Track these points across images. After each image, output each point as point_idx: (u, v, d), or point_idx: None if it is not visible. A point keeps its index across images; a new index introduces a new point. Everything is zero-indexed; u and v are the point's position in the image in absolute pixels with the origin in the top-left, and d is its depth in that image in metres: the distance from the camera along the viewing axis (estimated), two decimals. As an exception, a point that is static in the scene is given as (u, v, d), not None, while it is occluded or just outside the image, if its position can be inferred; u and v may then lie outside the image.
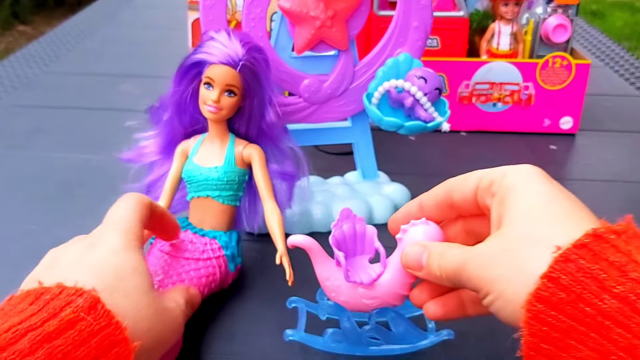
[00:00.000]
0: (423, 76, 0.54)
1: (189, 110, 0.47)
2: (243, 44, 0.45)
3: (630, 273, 0.25)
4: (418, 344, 0.43)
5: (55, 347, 0.27)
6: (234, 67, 0.44)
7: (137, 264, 0.34)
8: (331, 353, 0.43)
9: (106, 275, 0.32)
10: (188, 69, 0.46)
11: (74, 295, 0.29)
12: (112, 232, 0.35)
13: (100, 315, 0.29)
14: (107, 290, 0.31)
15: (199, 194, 0.47)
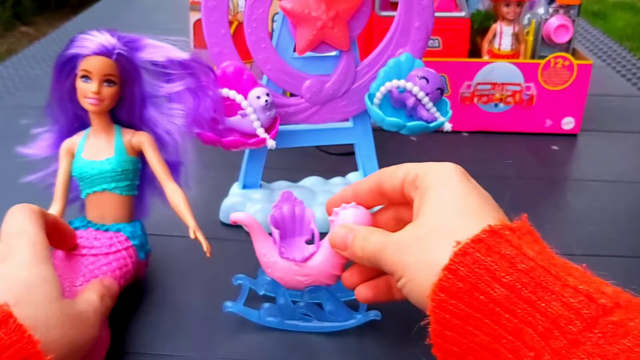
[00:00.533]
0: (425, 76, 0.54)
1: (70, 107, 0.47)
2: (112, 34, 0.45)
3: (518, 264, 0.28)
4: (346, 323, 0.47)
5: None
6: (109, 57, 0.44)
7: (46, 274, 0.34)
8: (266, 327, 0.47)
9: (15, 288, 0.32)
10: (63, 65, 0.46)
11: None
12: (20, 247, 0.35)
13: (12, 329, 0.29)
14: (18, 304, 0.31)
15: (93, 189, 0.47)
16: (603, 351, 0.24)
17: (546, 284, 0.27)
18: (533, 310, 0.26)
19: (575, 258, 0.56)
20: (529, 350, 0.26)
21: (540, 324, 0.26)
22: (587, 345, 0.24)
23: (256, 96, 0.53)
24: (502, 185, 0.69)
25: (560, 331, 0.25)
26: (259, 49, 0.55)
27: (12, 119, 0.84)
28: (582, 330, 0.25)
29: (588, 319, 0.25)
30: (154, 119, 0.48)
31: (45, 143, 0.50)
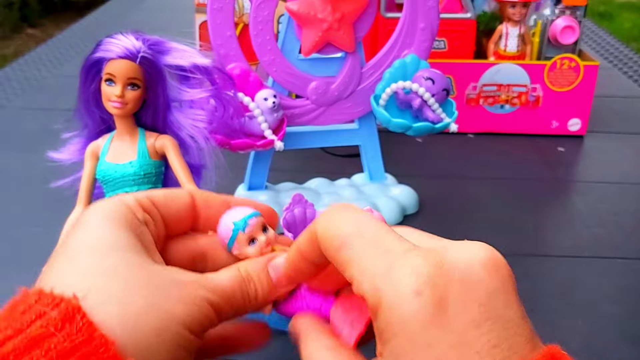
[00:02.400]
0: (430, 77, 0.54)
1: (95, 111, 0.48)
2: (137, 37, 0.45)
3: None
4: None
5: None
6: (133, 60, 0.44)
7: (122, 239, 0.27)
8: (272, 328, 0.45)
9: (85, 259, 0.26)
10: (88, 69, 0.46)
11: (48, 306, 0.24)
12: (93, 210, 0.28)
13: (78, 329, 0.23)
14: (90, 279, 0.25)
15: (116, 192, 0.47)
16: None
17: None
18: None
19: (581, 260, 0.57)
20: None
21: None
22: None
23: (263, 98, 0.53)
24: (508, 187, 0.69)
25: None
26: (265, 51, 0.55)
27: (19, 121, 0.84)
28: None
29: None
30: (178, 123, 0.48)
31: (74, 147, 0.50)
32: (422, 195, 0.64)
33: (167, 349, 0.25)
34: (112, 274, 0.25)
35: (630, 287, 0.53)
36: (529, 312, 0.32)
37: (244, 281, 0.29)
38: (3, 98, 0.91)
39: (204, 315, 0.27)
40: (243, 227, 0.29)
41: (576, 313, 0.50)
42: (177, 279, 0.27)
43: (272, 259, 0.29)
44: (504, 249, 0.39)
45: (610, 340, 0.47)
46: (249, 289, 0.29)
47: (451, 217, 0.63)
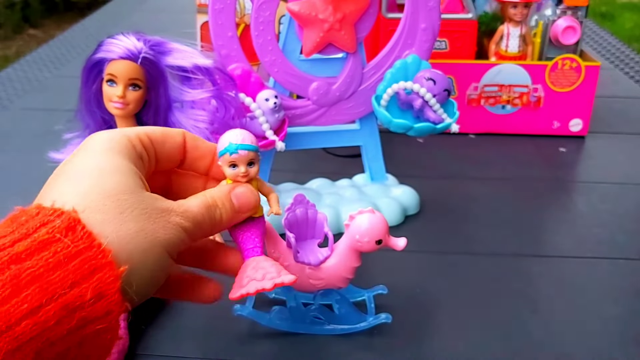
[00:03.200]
0: (432, 78, 0.54)
1: (97, 111, 0.48)
2: (139, 38, 0.45)
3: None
4: (358, 325, 0.47)
5: (24, 268, 0.24)
6: (134, 61, 0.45)
7: (122, 165, 0.30)
8: (276, 330, 0.47)
9: (80, 176, 0.29)
10: (90, 69, 0.46)
11: (51, 216, 0.26)
12: (96, 137, 0.31)
13: (79, 237, 0.26)
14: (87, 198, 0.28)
15: None
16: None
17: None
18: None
19: (582, 260, 0.57)
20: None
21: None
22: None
23: (265, 98, 0.53)
24: (509, 187, 0.69)
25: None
26: (266, 52, 0.55)
27: (21, 121, 0.84)
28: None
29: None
30: (179, 123, 0.48)
31: (76, 148, 0.50)
32: (423, 196, 0.64)
33: (149, 267, 0.29)
34: (109, 196, 0.28)
35: (631, 287, 0.53)
36: (529, 312, 0.31)
37: (211, 207, 0.32)
38: (5, 98, 0.91)
39: (179, 239, 0.30)
40: (231, 151, 0.32)
41: (577, 313, 0.50)
42: (160, 206, 0.30)
43: (235, 188, 0.33)
44: (505, 249, 0.39)
45: (611, 341, 0.47)
46: (215, 214, 0.32)
47: (453, 217, 0.63)
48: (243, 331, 0.47)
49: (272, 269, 0.33)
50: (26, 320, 0.24)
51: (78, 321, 0.25)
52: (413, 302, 0.51)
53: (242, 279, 0.33)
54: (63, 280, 0.25)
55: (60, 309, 0.25)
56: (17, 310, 0.24)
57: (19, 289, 0.24)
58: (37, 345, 0.24)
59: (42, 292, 0.24)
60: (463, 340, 0.47)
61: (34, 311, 0.24)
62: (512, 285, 0.53)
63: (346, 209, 0.59)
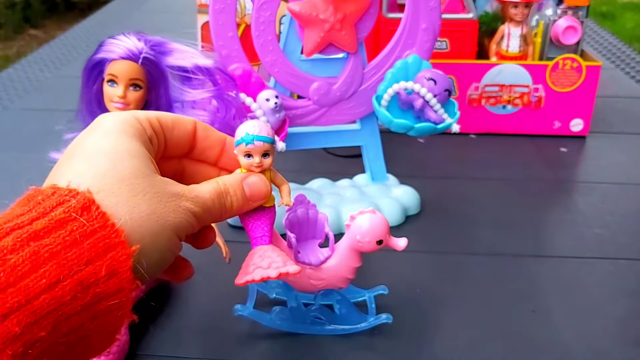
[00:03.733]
0: (432, 78, 0.54)
1: (97, 111, 0.48)
2: (139, 38, 0.45)
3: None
4: (358, 326, 0.47)
5: (43, 245, 0.25)
6: (135, 61, 0.45)
7: (135, 149, 0.31)
8: (277, 330, 0.47)
9: (95, 159, 0.30)
10: (91, 69, 0.46)
11: (67, 196, 0.27)
12: (109, 118, 0.32)
13: (94, 216, 0.27)
14: (102, 180, 0.29)
15: None
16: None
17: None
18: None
19: (583, 260, 0.57)
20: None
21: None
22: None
23: (265, 98, 0.53)
24: (510, 187, 0.69)
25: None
26: (267, 52, 0.55)
27: (21, 122, 0.84)
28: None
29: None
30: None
31: None
32: (424, 196, 0.64)
33: (159, 248, 0.30)
34: (124, 179, 0.29)
35: (632, 287, 0.53)
36: (530, 312, 0.31)
37: (222, 194, 0.33)
38: (5, 99, 0.92)
39: (189, 224, 0.31)
40: (247, 142, 0.33)
41: (578, 314, 0.50)
42: (171, 190, 0.31)
43: (248, 177, 0.34)
44: (506, 249, 0.39)
45: (611, 341, 0.47)
46: (226, 201, 0.33)
47: (453, 217, 0.63)
48: (243, 331, 0.47)
49: (278, 258, 0.34)
50: (44, 295, 0.25)
51: (92, 297, 0.26)
52: (413, 302, 0.51)
53: (248, 266, 0.33)
54: (79, 258, 0.26)
55: (76, 285, 0.26)
56: (36, 285, 0.25)
57: (38, 265, 0.25)
58: (54, 319, 0.25)
59: (60, 269, 0.25)
60: (463, 340, 0.47)
61: (51, 286, 0.25)
62: (513, 285, 0.53)
63: (347, 209, 0.59)
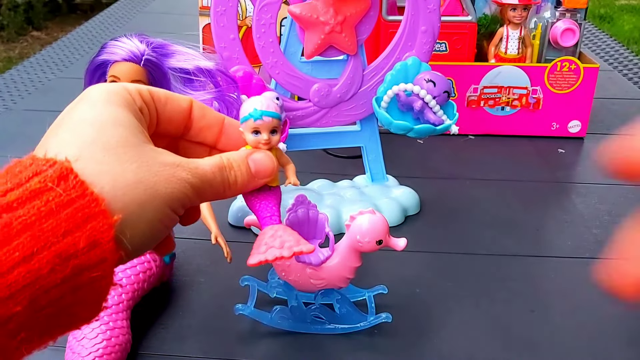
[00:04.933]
0: (432, 79, 0.54)
1: None
2: (142, 40, 0.46)
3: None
4: (358, 325, 0.47)
5: (16, 217, 0.25)
6: (137, 63, 0.45)
7: (123, 117, 0.30)
8: (277, 329, 0.47)
9: (80, 128, 0.29)
10: (93, 71, 0.47)
11: (44, 166, 0.26)
12: (96, 88, 0.31)
13: (72, 186, 0.26)
14: (86, 149, 0.28)
15: None
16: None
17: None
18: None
19: (582, 260, 0.57)
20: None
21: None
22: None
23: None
24: (509, 188, 0.70)
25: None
26: (268, 54, 0.56)
27: (24, 123, 0.85)
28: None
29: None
30: None
31: None
32: (423, 196, 0.65)
33: (147, 220, 0.29)
34: (109, 148, 0.28)
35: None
36: (529, 312, 0.32)
37: (225, 168, 0.32)
38: (8, 100, 0.92)
39: (184, 195, 0.30)
40: (255, 117, 0.32)
41: (577, 313, 0.50)
42: (164, 160, 0.30)
43: (253, 153, 0.33)
44: (505, 249, 0.40)
45: (611, 341, 0.47)
46: (229, 176, 0.32)
47: (453, 217, 0.64)
48: (244, 330, 0.48)
49: (291, 237, 0.33)
50: (18, 269, 0.24)
51: (72, 269, 0.26)
52: (413, 302, 0.51)
53: (260, 246, 0.33)
54: (55, 229, 0.25)
55: (53, 257, 0.25)
56: (9, 259, 0.24)
57: (10, 238, 0.24)
58: (31, 293, 0.25)
59: (34, 240, 0.25)
60: (463, 340, 0.47)
61: (26, 259, 0.24)
62: (512, 285, 0.53)
63: (347, 210, 0.60)
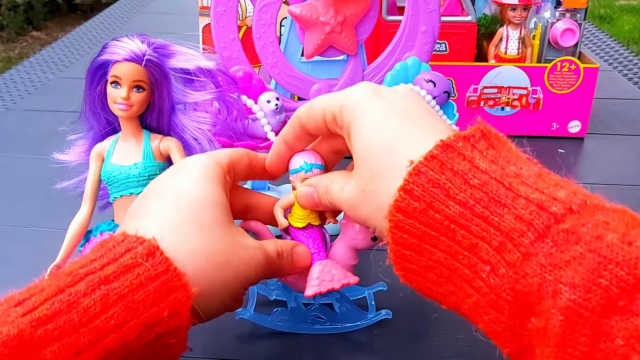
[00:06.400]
0: (432, 80, 0.54)
1: (101, 113, 0.48)
2: (143, 40, 0.46)
3: (471, 180, 0.28)
4: (358, 323, 0.48)
5: (112, 289, 0.28)
6: (139, 63, 0.45)
7: (217, 197, 0.34)
8: (278, 331, 0.48)
9: (183, 205, 0.33)
10: (94, 71, 0.46)
11: (134, 243, 0.30)
12: (195, 161, 0.36)
13: (158, 262, 0.29)
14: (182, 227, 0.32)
15: (121, 193, 0.47)
16: (554, 260, 0.24)
17: (499, 197, 0.27)
18: (487, 226, 0.26)
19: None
20: (485, 265, 0.26)
21: (494, 238, 0.26)
22: (539, 255, 0.24)
23: (266, 100, 0.54)
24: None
25: (514, 244, 0.25)
26: (268, 54, 0.56)
27: (24, 123, 0.85)
28: (534, 242, 0.25)
29: (539, 229, 0.25)
30: (182, 125, 0.48)
31: (80, 149, 0.51)
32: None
33: (224, 296, 0.33)
34: (203, 227, 0.32)
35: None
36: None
37: (282, 255, 0.38)
38: (8, 100, 0.92)
39: (256, 276, 0.35)
40: (306, 170, 0.39)
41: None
42: (246, 243, 0.35)
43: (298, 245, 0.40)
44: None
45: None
46: (282, 262, 0.38)
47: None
48: (245, 331, 0.48)
49: (339, 271, 0.40)
50: (113, 334, 0.27)
51: (155, 335, 0.29)
52: (413, 301, 0.51)
53: (313, 280, 0.39)
54: (144, 300, 0.28)
55: (141, 325, 0.28)
56: (106, 325, 0.27)
57: (107, 307, 0.27)
58: (120, 355, 0.28)
59: (127, 310, 0.28)
60: (463, 339, 0.47)
61: (119, 326, 0.27)
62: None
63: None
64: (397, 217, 0.29)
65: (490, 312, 0.26)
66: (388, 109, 0.32)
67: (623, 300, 0.22)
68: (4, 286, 0.32)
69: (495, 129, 0.32)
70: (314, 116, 0.37)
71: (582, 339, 0.22)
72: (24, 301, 0.27)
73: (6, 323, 0.25)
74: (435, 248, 0.28)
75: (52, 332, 0.25)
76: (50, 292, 0.27)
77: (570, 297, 0.23)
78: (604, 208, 0.26)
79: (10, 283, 0.37)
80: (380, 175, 0.31)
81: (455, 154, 0.29)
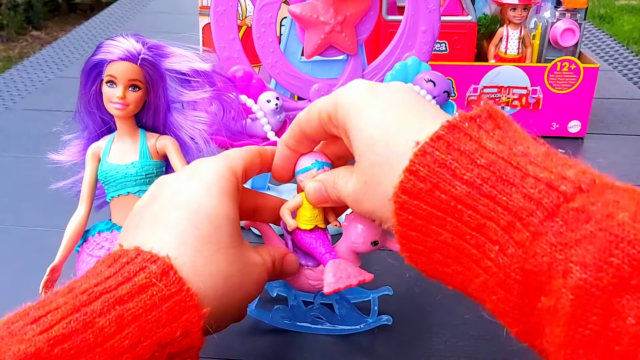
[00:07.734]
0: (432, 79, 0.54)
1: (96, 112, 0.48)
2: (138, 40, 0.46)
3: (478, 160, 0.27)
4: (357, 326, 0.47)
5: (127, 309, 0.28)
6: (134, 62, 0.45)
7: (233, 214, 0.34)
8: (278, 328, 0.48)
9: (204, 223, 0.33)
10: (89, 71, 0.46)
11: (148, 262, 0.30)
12: (210, 170, 0.35)
13: (172, 282, 0.30)
14: (199, 245, 0.32)
15: (118, 192, 0.47)
16: (565, 239, 0.24)
17: (507, 176, 0.26)
18: (495, 205, 0.26)
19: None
20: (494, 245, 0.26)
21: (502, 218, 0.26)
22: (549, 235, 0.24)
23: (266, 100, 0.54)
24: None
25: (523, 223, 0.25)
26: (268, 53, 0.56)
27: (24, 123, 0.85)
28: (543, 221, 0.25)
29: (549, 208, 0.25)
30: (178, 124, 0.48)
31: (75, 149, 0.51)
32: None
33: (234, 313, 0.34)
34: (220, 248, 0.33)
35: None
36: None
37: (274, 265, 0.39)
38: (8, 100, 0.92)
39: (259, 292, 0.36)
40: (318, 167, 0.39)
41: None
42: (255, 261, 0.36)
43: (288, 253, 0.41)
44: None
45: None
46: (274, 271, 0.39)
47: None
48: (245, 328, 0.48)
49: (355, 269, 0.40)
50: (127, 354, 0.27)
51: (167, 355, 0.29)
52: (413, 302, 0.51)
53: (329, 277, 0.39)
54: (158, 320, 0.29)
55: (154, 345, 0.28)
56: (120, 345, 0.27)
57: (122, 327, 0.28)
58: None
59: (141, 330, 0.28)
60: (463, 340, 0.47)
61: (133, 346, 0.28)
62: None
63: None
64: (402, 198, 0.29)
65: (498, 291, 0.26)
66: (385, 103, 0.32)
67: (635, 278, 0.22)
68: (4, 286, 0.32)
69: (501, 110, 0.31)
70: (311, 120, 0.37)
71: (593, 318, 0.22)
72: (40, 318, 0.27)
73: (23, 341, 0.25)
74: (441, 229, 0.28)
75: (68, 352, 0.26)
76: (67, 310, 0.27)
77: (581, 276, 0.22)
78: (613, 187, 0.26)
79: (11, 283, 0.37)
80: (382, 166, 0.31)
81: (462, 134, 0.28)
